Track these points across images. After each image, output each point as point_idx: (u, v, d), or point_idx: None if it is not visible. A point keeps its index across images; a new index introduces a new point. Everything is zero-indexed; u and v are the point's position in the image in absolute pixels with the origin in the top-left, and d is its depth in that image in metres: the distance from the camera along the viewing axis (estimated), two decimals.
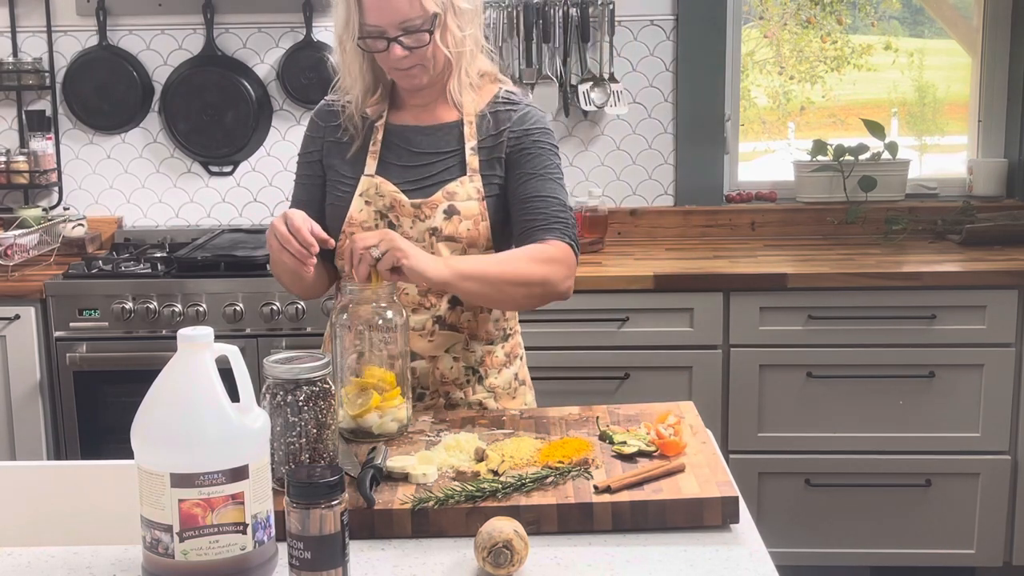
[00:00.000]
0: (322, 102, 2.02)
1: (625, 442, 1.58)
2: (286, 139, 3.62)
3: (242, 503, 1.23)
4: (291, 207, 1.97)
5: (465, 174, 1.90)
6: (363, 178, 1.92)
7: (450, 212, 1.87)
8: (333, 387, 1.50)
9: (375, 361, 1.70)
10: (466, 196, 1.88)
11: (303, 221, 1.73)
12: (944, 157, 3.99)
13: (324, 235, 1.75)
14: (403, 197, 1.89)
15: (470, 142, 1.91)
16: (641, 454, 1.56)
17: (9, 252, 3.19)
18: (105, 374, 3.07)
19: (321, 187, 1.98)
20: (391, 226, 1.88)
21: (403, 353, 1.72)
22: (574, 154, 3.60)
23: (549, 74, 3.49)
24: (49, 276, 3.13)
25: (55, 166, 3.60)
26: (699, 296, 3.00)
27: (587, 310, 2.99)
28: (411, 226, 1.88)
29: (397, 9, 1.80)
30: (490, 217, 1.89)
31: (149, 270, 3.12)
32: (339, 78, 1.96)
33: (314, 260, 1.74)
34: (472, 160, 1.90)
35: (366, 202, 1.90)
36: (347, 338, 1.70)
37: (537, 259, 1.82)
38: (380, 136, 1.93)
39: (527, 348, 2.09)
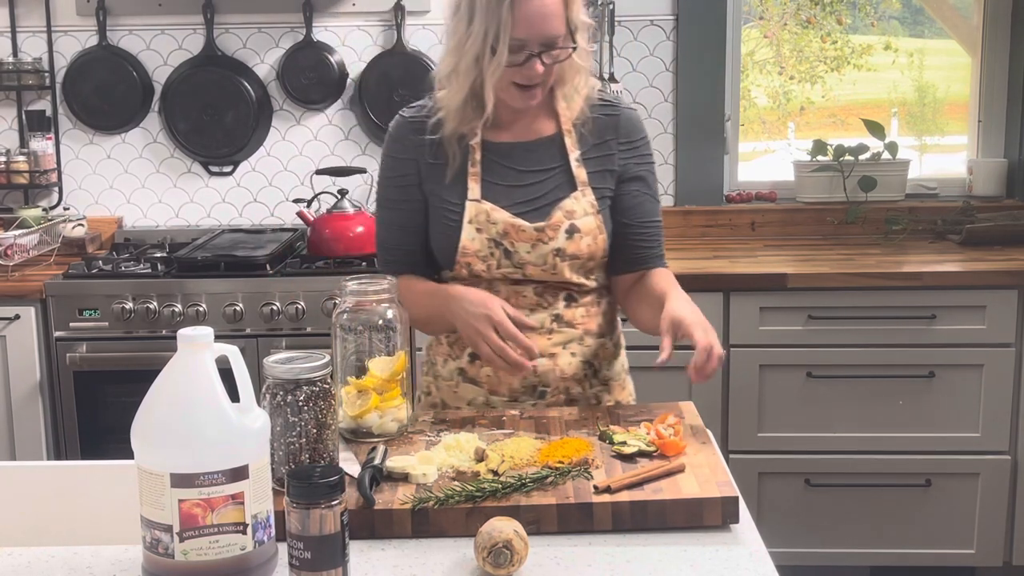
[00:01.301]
0: (402, 118, 1.93)
1: (625, 442, 1.58)
2: (286, 139, 3.62)
3: (242, 503, 1.23)
4: (385, 234, 1.94)
5: (576, 189, 1.87)
6: (469, 204, 1.85)
7: (571, 231, 1.86)
8: (333, 387, 1.50)
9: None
10: (583, 212, 1.87)
11: (513, 328, 1.72)
12: (944, 157, 3.99)
13: (519, 336, 1.73)
14: (522, 222, 1.85)
15: (573, 153, 1.88)
16: (641, 454, 1.56)
17: (9, 252, 3.19)
18: (105, 374, 3.07)
19: (421, 212, 1.90)
20: (507, 253, 1.85)
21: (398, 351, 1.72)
22: None
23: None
24: (49, 276, 3.13)
25: (55, 166, 3.60)
26: (699, 296, 2.95)
27: None
28: (529, 251, 1.85)
29: (549, 24, 1.76)
30: (604, 229, 1.89)
31: (149, 270, 3.12)
32: (448, 92, 1.85)
33: (531, 366, 1.74)
34: (580, 173, 1.88)
35: (477, 230, 1.85)
36: (347, 338, 1.69)
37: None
38: (478, 156, 1.87)
39: None
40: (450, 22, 1.84)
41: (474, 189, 1.86)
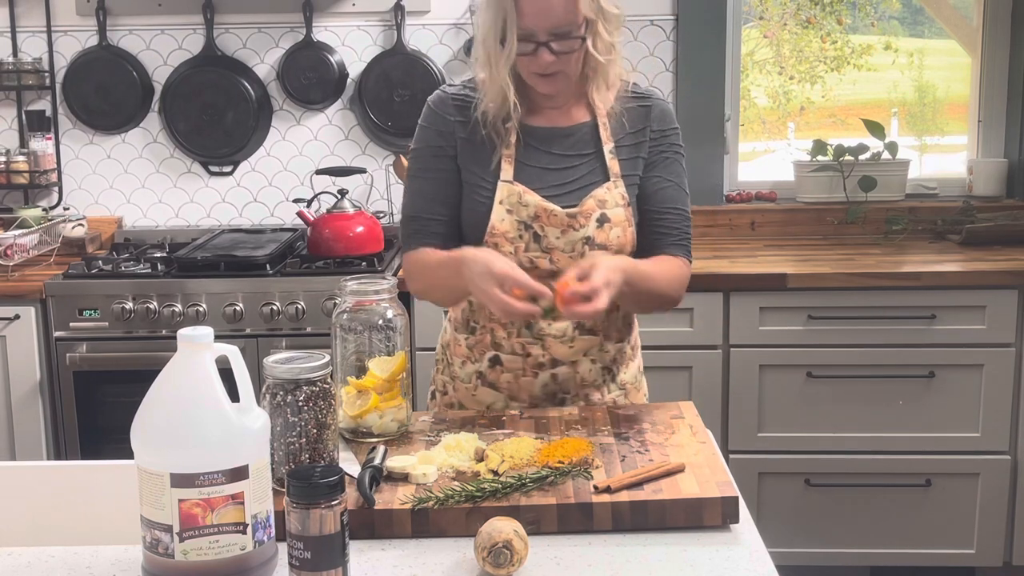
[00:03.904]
0: (444, 93, 1.93)
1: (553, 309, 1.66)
2: (286, 139, 3.62)
3: (242, 503, 1.23)
4: (411, 203, 1.92)
5: (608, 179, 1.87)
6: (501, 184, 1.85)
7: (602, 220, 1.85)
8: (333, 387, 1.50)
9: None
10: (614, 203, 1.86)
11: (524, 278, 1.68)
12: (944, 157, 3.99)
13: (532, 283, 1.69)
14: (554, 207, 1.84)
15: (608, 144, 1.88)
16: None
17: (9, 252, 3.19)
18: (105, 374, 3.07)
19: (453, 184, 1.89)
20: (536, 237, 1.84)
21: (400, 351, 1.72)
22: None
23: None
24: (49, 276, 3.12)
25: (55, 166, 3.60)
26: (699, 296, 3.00)
27: None
28: (558, 236, 1.84)
29: (554, 13, 1.76)
30: (633, 222, 1.89)
31: (149, 270, 3.12)
32: (484, 82, 1.85)
33: (539, 310, 1.69)
34: (613, 164, 1.88)
35: (508, 211, 1.85)
36: (347, 338, 1.69)
37: (676, 280, 1.90)
38: (513, 139, 1.87)
39: None
40: (479, 12, 1.88)
41: (507, 170, 1.86)
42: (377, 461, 1.48)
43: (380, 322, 1.69)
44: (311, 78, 3.53)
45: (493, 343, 1.91)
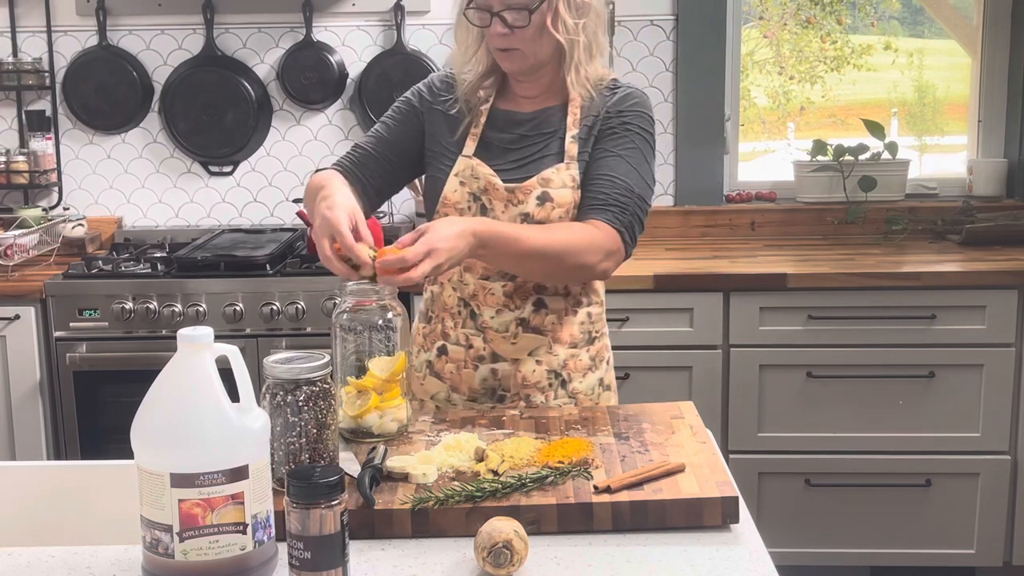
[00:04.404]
0: (445, 70, 2.00)
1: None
2: (286, 139, 3.62)
3: (242, 503, 1.23)
4: (366, 136, 1.97)
5: (562, 161, 1.88)
6: (460, 158, 1.90)
7: (543, 199, 1.86)
8: (333, 387, 1.50)
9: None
10: (561, 184, 1.87)
11: (351, 242, 1.65)
12: (944, 157, 3.99)
13: (368, 234, 1.68)
14: (497, 180, 1.87)
15: (572, 131, 1.89)
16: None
17: (9, 252, 3.19)
18: (105, 374, 3.07)
19: (410, 138, 1.95)
20: (483, 209, 1.87)
21: (402, 350, 1.72)
22: None
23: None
24: (49, 276, 3.13)
25: (55, 166, 3.60)
26: (699, 296, 3.00)
27: None
28: (503, 210, 1.87)
29: None
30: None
31: (149, 270, 3.12)
32: (455, 53, 1.95)
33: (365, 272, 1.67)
34: (571, 148, 1.89)
35: (461, 183, 1.89)
36: (347, 338, 1.69)
37: (574, 240, 1.80)
38: (483, 119, 1.92)
39: None
40: None
41: (470, 146, 1.91)
42: (377, 461, 1.48)
43: (380, 322, 1.69)
44: (311, 78, 3.53)
45: (443, 332, 1.94)
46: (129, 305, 3.04)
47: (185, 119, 3.58)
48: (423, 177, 2.01)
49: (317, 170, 1.98)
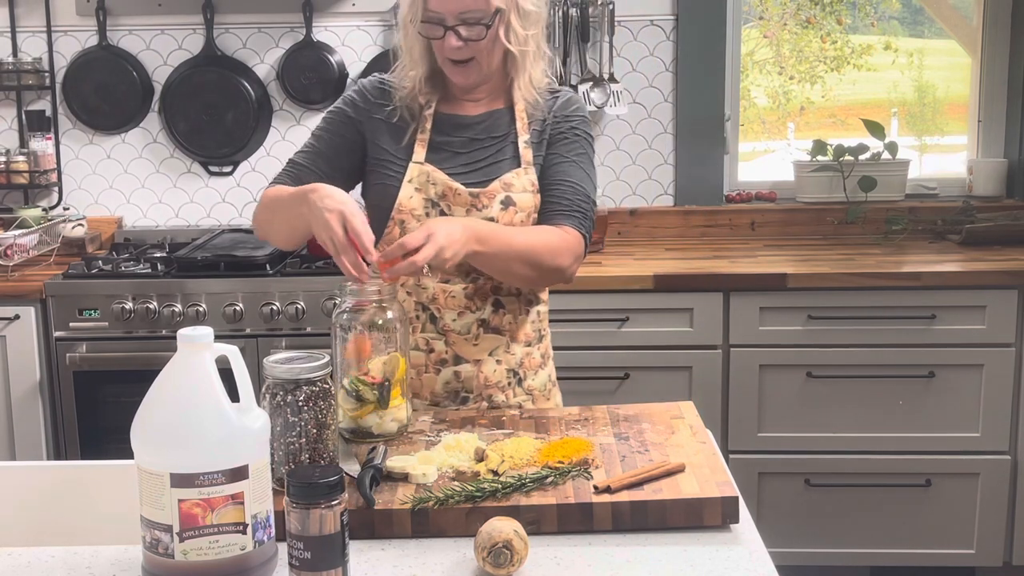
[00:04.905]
0: (374, 77, 2.00)
1: None
2: (286, 139, 3.62)
3: (242, 503, 1.23)
4: (301, 150, 1.96)
5: (519, 166, 1.90)
6: (412, 165, 1.90)
7: (507, 203, 1.87)
8: (333, 387, 1.50)
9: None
10: (522, 188, 1.89)
11: (364, 225, 1.67)
12: (944, 157, 3.99)
13: (370, 234, 1.69)
14: (458, 185, 1.88)
15: (523, 136, 1.92)
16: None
17: (9, 252, 3.19)
18: (105, 374, 3.07)
19: (348, 149, 1.94)
20: (443, 215, 1.87)
21: (404, 353, 1.72)
22: None
23: (549, 74, 3.48)
24: (49, 276, 3.12)
25: (55, 166, 3.60)
26: (699, 296, 3.00)
27: (587, 310, 2.99)
28: (464, 215, 1.87)
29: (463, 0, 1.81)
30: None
31: (149, 270, 3.12)
32: (400, 61, 1.95)
33: (368, 272, 1.68)
34: (526, 153, 1.91)
35: (416, 189, 1.89)
36: (347, 338, 1.69)
37: (551, 244, 1.84)
38: (429, 125, 1.92)
39: None
40: None
41: (419, 152, 1.91)
42: (377, 461, 1.48)
43: (380, 322, 1.69)
44: (311, 78, 3.53)
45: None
46: (129, 305, 3.04)
47: (185, 119, 3.58)
48: (363, 186, 2.00)
49: (271, 184, 1.95)
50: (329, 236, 1.68)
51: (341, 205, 1.68)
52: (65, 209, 3.62)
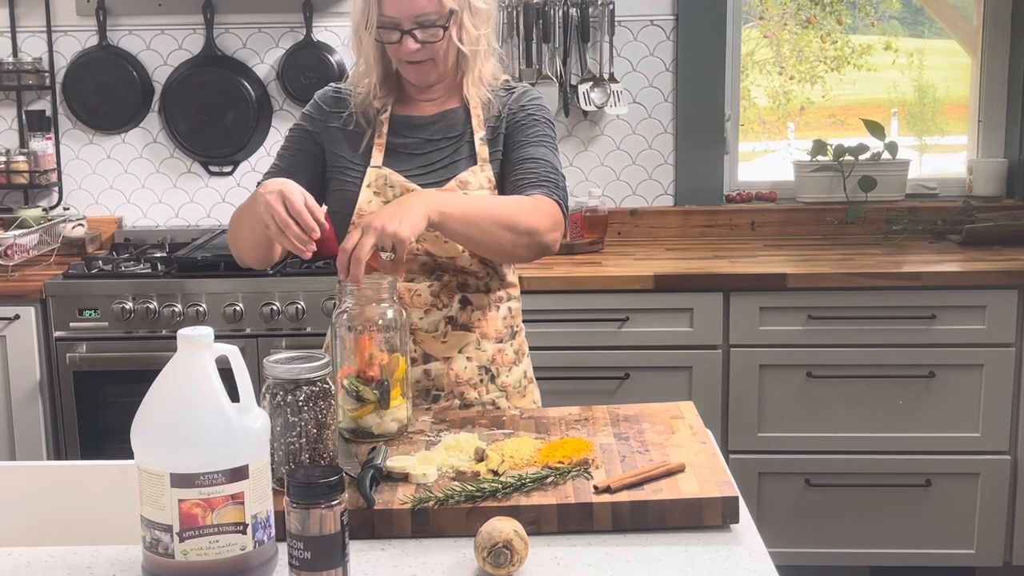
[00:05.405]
0: (329, 87, 2.03)
1: None
2: None
3: (242, 503, 1.23)
4: (269, 171, 1.98)
5: (476, 164, 1.91)
6: (370, 169, 1.92)
7: None
8: (333, 387, 1.50)
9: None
10: (478, 185, 1.90)
11: (301, 199, 1.67)
12: (944, 157, 3.99)
13: (319, 210, 1.70)
14: (415, 187, 1.89)
15: (479, 133, 1.93)
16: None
17: (9, 252, 3.19)
18: (105, 374, 3.07)
19: (309, 163, 1.96)
20: None
21: (403, 353, 1.72)
22: (574, 154, 3.60)
23: (549, 74, 3.49)
24: (49, 276, 3.12)
25: (55, 166, 3.60)
26: (699, 296, 3.00)
27: (587, 310, 2.99)
28: None
29: (417, 4, 1.83)
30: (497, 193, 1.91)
31: (149, 270, 3.12)
32: (354, 67, 1.96)
33: (314, 246, 1.69)
34: (482, 150, 1.92)
35: (375, 193, 1.91)
36: (347, 338, 1.69)
37: (523, 207, 1.82)
38: (385, 128, 1.94)
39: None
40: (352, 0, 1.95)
41: (377, 157, 1.93)
42: (377, 461, 1.48)
43: (380, 322, 1.69)
44: (311, 78, 3.53)
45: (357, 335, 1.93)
46: (129, 305, 3.04)
47: (185, 119, 3.58)
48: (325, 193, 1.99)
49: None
50: (270, 215, 1.67)
51: (281, 186, 1.69)
52: (65, 209, 3.62)
